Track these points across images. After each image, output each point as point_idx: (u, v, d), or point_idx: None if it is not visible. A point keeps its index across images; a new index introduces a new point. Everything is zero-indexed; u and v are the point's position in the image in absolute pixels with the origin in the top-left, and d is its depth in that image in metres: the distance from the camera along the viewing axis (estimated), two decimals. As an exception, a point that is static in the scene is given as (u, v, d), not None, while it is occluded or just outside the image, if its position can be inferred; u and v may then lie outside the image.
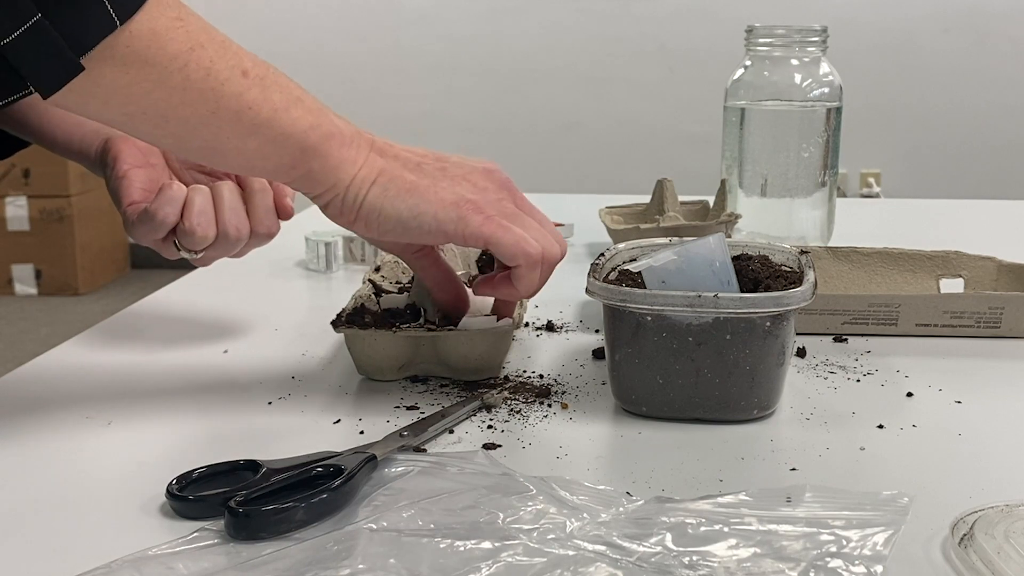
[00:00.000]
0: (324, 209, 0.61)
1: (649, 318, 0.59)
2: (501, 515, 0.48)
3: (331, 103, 0.72)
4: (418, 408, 0.64)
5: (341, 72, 3.53)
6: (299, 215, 1.31)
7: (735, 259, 0.67)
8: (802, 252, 0.69)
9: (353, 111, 0.83)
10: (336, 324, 0.67)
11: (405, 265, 0.83)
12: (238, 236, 0.69)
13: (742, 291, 0.64)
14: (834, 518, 0.47)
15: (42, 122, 0.78)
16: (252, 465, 0.53)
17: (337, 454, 0.53)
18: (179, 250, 0.70)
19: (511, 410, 0.63)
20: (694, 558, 0.44)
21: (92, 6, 0.50)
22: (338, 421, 0.62)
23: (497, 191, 0.63)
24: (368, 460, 0.52)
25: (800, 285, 0.61)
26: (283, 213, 0.73)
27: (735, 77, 1.05)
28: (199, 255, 0.70)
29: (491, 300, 0.71)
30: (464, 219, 0.60)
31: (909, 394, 0.66)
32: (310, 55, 3.48)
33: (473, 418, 0.62)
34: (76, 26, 0.49)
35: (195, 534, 0.47)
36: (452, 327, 0.66)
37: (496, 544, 0.45)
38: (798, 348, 0.74)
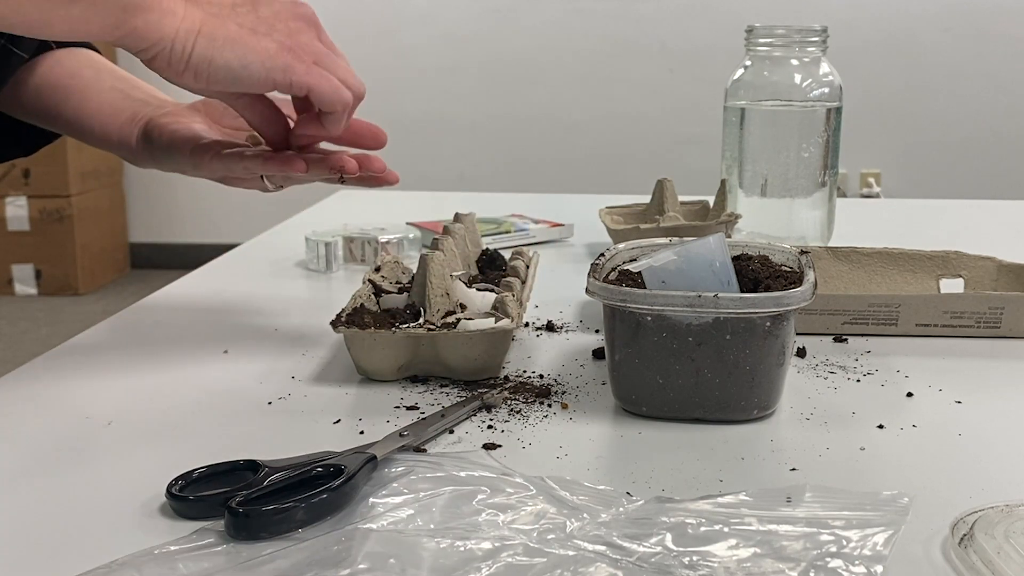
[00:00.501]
0: (151, 63, 0.63)
1: (649, 318, 0.59)
2: (501, 515, 0.48)
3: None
4: (418, 408, 0.64)
5: (341, 72, 3.53)
6: (299, 215, 1.32)
7: (735, 259, 0.67)
8: (802, 252, 0.69)
9: (353, 111, 0.83)
10: (336, 324, 0.67)
11: (405, 266, 0.83)
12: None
13: (742, 291, 0.64)
14: (834, 518, 0.47)
15: (79, 115, 0.79)
16: (252, 465, 0.53)
17: (337, 454, 0.53)
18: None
19: (511, 410, 0.63)
20: (694, 558, 0.44)
21: None
22: (338, 421, 0.62)
23: (307, 30, 0.66)
24: (368, 460, 0.52)
25: (800, 285, 0.61)
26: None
27: (735, 77, 1.05)
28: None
29: (491, 299, 0.71)
30: (289, 68, 0.63)
31: (909, 394, 0.66)
32: (310, 55, 3.47)
33: (473, 418, 0.62)
34: None
35: (195, 534, 0.47)
36: (452, 327, 0.66)
37: (496, 544, 0.45)
38: (798, 348, 0.74)
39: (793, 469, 0.55)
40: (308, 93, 0.64)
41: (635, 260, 0.65)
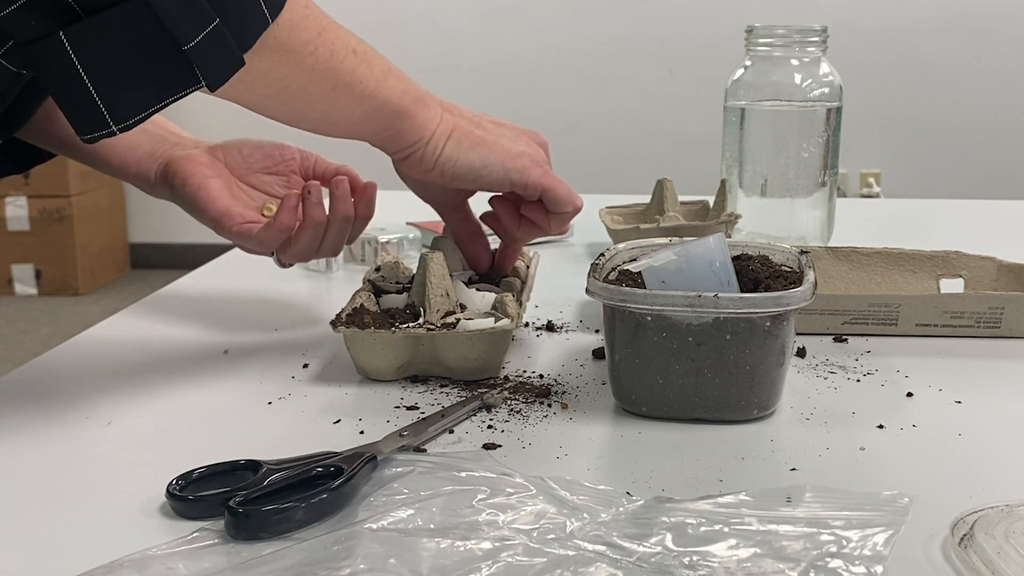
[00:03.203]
0: (402, 162, 0.70)
1: (649, 318, 0.59)
2: (501, 515, 0.48)
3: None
4: (418, 408, 0.64)
5: (341, 72, 3.53)
6: (299, 215, 1.31)
7: (735, 259, 0.67)
8: (802, 252, 0.69)
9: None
10: (335, 324, 0.67)
11: (405, 266, 0.83)
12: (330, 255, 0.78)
13: (742, 291, 0.64)
14: (834, 518, 0.47)
15: (97, 147, 0.81)
16: (252, 465, 0.53)
17: (337, 454, 0.53)
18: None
19: (511, 410, 0.63)
20: (694, 558, 0.44)
21: (251, 5, 0.56)
22: (338, 421, 0.62)
23: (541, 151, 0.74)
24: (368, 460, 0.52)
25: (800, 285, 0.61)
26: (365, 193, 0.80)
27: (735, 77, 1.05)
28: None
29: (491, 299, 0.71)
30: (527, 169, 0.71)
31: (909, 394, 0.66)
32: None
33: (473, 418, 0.62)
34: (239, 25, 0.55)
35: (195, 534, 0.47)
36: (452, 327, 0.66)
37: (496, 544, 0.45)
38: (798, 348, 0.74)
39: (793, 469, 0.55)
40: (542, 194, 0.72)
41: (635, 260, 0.65)
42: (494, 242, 0.80)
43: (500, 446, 0.58)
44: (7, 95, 0.69)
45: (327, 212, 0.76)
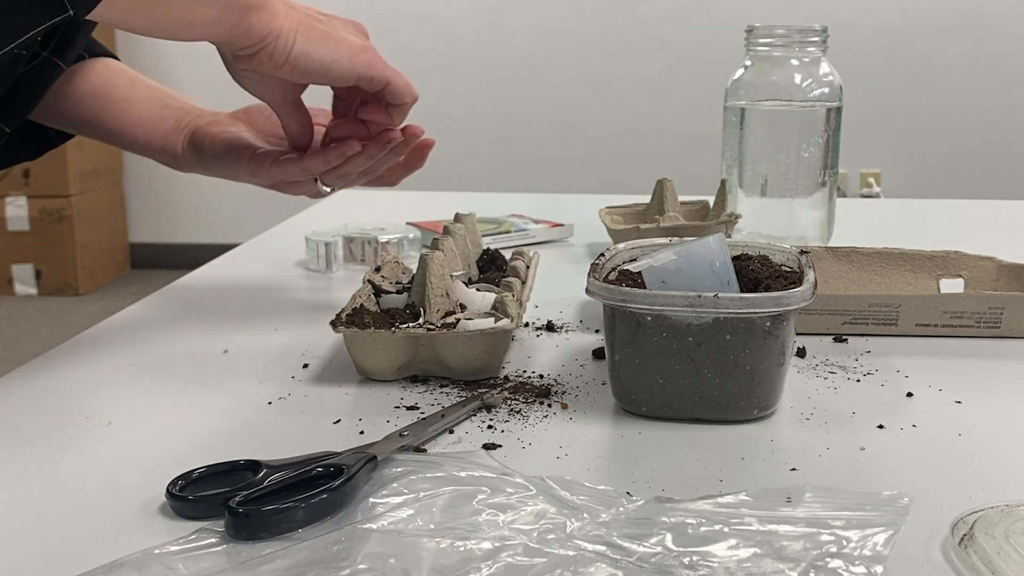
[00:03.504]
0: (251, 58, 0.69)
1: (649, 318, 0.59)
2: (501, 515, 0.48)
3: (331, 103, 0.75)
4: (418, 408, 0.64)
5: (341, 72, 3.53)
6: (299, 215, 1.32)
7: (735, 259, 0.67)
8: (802, 252, 0.69)
9: (353, 111, 0.83)
10: (335, 324, 0.67)
11: (405, 266, 0.83)
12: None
13: (742, 291, 0.64)
14: (834, 518, 0.47)
15: (121, 124, 0.84)
16: (252, 465, 0.53)
17: (337, 454, 0.53)
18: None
19: (511, 410, 0.63)
20: (694, 558, 0.44)
21: None
22: (338, 421, 0.62)
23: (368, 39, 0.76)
24: (368, 460, 0.52)
25: (800, 285, 0.61)
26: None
27: (735, 77, 1.05)
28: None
29: (491, 299, 0.71)
30: (371, 63, 0.72)
31: (909, 394, 0.66)
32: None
33: (473, 418, 0.62)
34: None
35: (195, 534, 0.47)
36: (451, 327, 0.66)
37: (496, 544, 0.45)
38: (798, 348, 0.74)
39: (793, 469, 0.55)
40: (385, 86, 0.73)
41: (635, 260, 0.65)
42: None
43: (500, 446, 0.58)
44: (6, 79, 0.69)
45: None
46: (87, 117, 0.85)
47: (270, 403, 0.65)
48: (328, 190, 0.81)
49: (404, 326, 0.67)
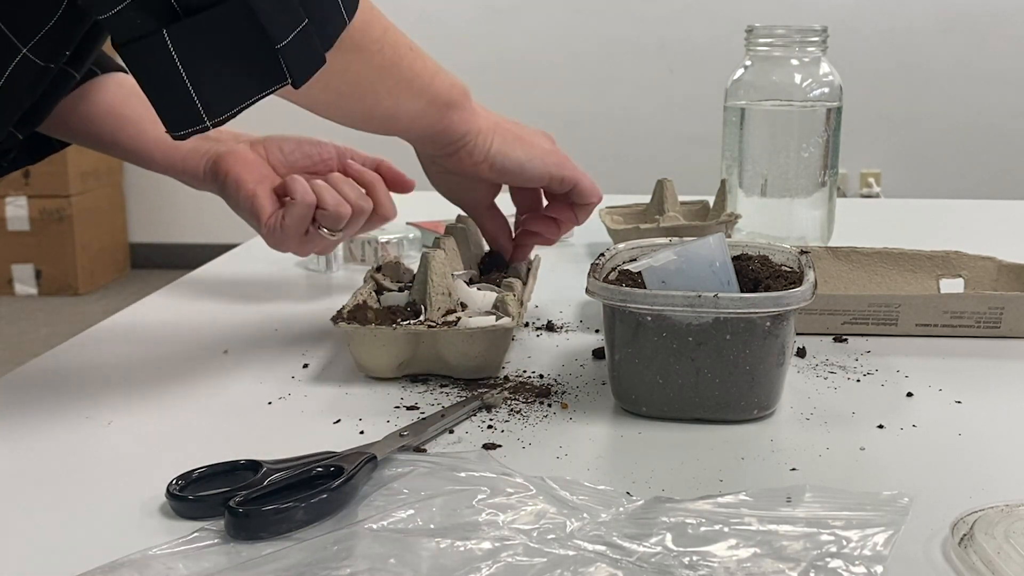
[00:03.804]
0: (451, 157, 0.73)
1: (649, 318, 0.59)
2: (501, 515, 0.48)
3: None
4: (418, 408, 0.64)
5: (341, 72, 3.53)
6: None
7: (735, 259, 0.67)
8: (802, 252, 0.69)
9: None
10: (337, 320, 0.67)
11: (406, 266, 0.83)
12: (361, 211, 0.77)
13: (742, 291, 0.64)
14: (834, 518, 0.47)
15: (137, 143, 0.84)
16: (252, 465, 0.53)
17: (337, 454, 0.53)
18: (319, 229, 0.77)
19: (511, 410, 0.63)
20: (694, 558, 0.44)
21: (332, 5, 0.58)
22: (338, 421, 0.62)
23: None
24: (368, 460, 0.52)
25: (800, 285, 0.61)
26: (406, 188, 0.86)
27: (735, 77, 1.05)
28: (337, 235, 0.78)
29: (491, 298, 0.72)
30: (562, 165, 0.76)
31: (909, 394, 0.66)
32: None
33: (473, 418, 0.62)
34: (322, 25, 0.58)
35: (195, 534, 0.47)
36: (452, 325, 0.66)
37: (496, 544, 0.45)
38: (798, 348, 0.74)
39: (793, 469, 0.55)
40: (574, 187, 0.77)
41: (635, 260, 0.65)
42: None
43: (500, 446, 0.58)
44: (35, 90, 0.69)
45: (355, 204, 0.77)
46: (104, 137, 0.84)
47: (270, 403, 0.65)
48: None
49: (405, 323, 0.67)
